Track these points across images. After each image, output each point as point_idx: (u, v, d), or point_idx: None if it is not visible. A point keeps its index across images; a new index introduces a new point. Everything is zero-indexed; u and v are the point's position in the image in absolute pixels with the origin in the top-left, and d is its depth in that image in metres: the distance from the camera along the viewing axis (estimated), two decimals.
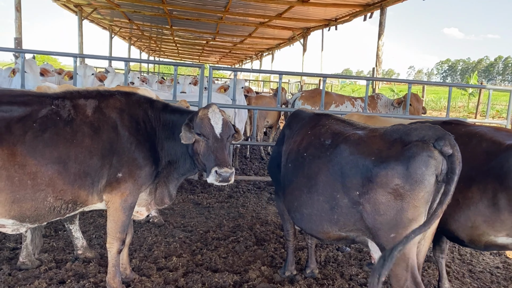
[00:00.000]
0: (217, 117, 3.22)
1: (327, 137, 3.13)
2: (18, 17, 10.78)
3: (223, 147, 3.18)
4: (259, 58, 31.09)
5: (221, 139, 3.18)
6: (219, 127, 3.20)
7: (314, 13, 14.70)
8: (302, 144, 3.29)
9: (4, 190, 2.84)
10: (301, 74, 13.29)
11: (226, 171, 3.01)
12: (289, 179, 3.32)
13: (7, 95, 3.13)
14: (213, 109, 3.27)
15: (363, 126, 3.14)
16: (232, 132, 3.31)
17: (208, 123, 3.18)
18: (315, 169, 3.05)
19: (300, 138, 3.37)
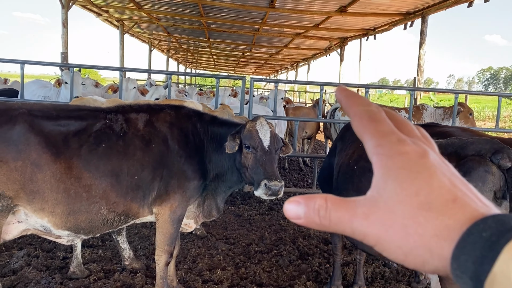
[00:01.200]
0: (265, 130, 3.20)
1: None
2: (65, 33, 11.25)
3: (272, 160, 3.14)
4: (295, 69, 31.09)
5: (269, 151, 3.15)
6: (267, 140, 3.17)
7: (352, 23, 14.61)
8: (353, 157, 3.24)
9: (61, 202, 2.93)
10: (345, 84, 13.15)
11: (276, 184, 2.96)
12: (340, 192, 3.27)
13: (64, 109, 3.25)
14: (260, 121, 3.25)
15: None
16: (281, 145, 3.27)
17: (256, 135, 3.16)
18: (365, 183, 3.00)
19: (352, 151, 3.32)
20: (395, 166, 0.46)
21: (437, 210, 0.43)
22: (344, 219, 0.47)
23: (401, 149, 0.47)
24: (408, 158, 0.46)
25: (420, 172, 0.45)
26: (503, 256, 0.38)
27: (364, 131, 0.50)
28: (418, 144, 0.48)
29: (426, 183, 0.44)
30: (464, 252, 0.40)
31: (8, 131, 2.81)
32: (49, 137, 2.94)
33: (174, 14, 15.94)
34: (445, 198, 0.44)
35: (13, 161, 2.80)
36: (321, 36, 17.63)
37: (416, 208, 0.44)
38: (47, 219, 2.95)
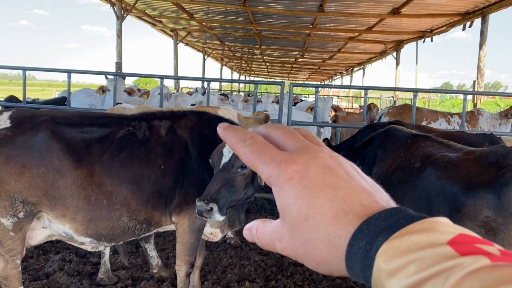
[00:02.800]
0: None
1: (417, 159, 2.79)
2: (119, 43, 11.71)
3: (220, 178, 2.71)
4: (350, 73, 30.41)
5: (223, 169, 2.74)
6: (227, 156, 2.76)
7: (407, 25, 13.99)
8: (392, 166, 2.98)
9: (82, 209, 2.94)
10: (388, 89, 12.50)
11: (200, 204, 2.56)
12: None
13: (89, 116, 3.28)
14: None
15: (461, 147, 2.76)
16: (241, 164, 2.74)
17: (218, 149, 2.82)
18: (400, 194, 2.74)
19: (392, 160, 3.06)
20: (285, 196, 0.49)
21: (324, 231, 0.47)
22: (269, 244, 0.53)
23: (285, 176, 0.49)
24: (292, 185, 0.49)
25: (303, 198, 0.48)
26: (376, 263, 0.42)
27: (254, 166, 0.53)
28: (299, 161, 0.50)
29: (310, 207, 0.48)
30: (353, 262, 0.45)
31: (31, 138, 2.86)
32: (71, 143, 2.96)
33: (226, 22, 16.13)
34: (328, 217, 0.47)
35: (36, 168, 2.84)
36: (375, 39, 17.07)
37: (309, 233, 0.48)
38: (69, 225, 2.96)
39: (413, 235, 0.42)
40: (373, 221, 0.45)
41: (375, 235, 0.44)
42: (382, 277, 0.41)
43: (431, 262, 0.39)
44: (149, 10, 14.97)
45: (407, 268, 0.40)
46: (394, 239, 0.42)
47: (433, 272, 0.38)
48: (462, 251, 0.39)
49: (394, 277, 0.40)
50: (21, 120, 2.94)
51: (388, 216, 0.45)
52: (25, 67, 6.24)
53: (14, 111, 2.99)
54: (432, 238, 0.41)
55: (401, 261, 0.40)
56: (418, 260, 0.40)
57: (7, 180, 2.79)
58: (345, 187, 0.48)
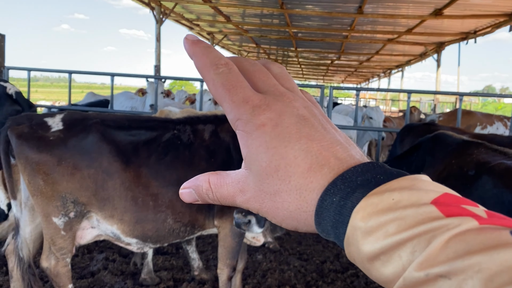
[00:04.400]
0: None
1: (471, 167, 2.68)
2: (158, 47, 11.94)
3: None
4: (387, 76, 29.81)
5: None
6: None
7: (449, 26, 13.56)
8: (443, 174, 2.88)
9: (129, 210, 3.00)
10: (432, 92, 12.21)
11: (239, 217, 2.57)
12: None
13: (136, 120, 3.36)
14: None
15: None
16: None
17: None
18: None
19: (443, 167, 2.96)
20: (255, 144, 0.46)
21: (295, 184, 0.44)
22: (228, 197, 0.49)
23: (257, 121, 0.45)
24: (264, 132, 0.45)
25: (276, 147, 0.45)
26: (351, 221, 0.39)
27: (221, 102, 0.47)
28: (273, 108, 0.46)
29: (282, 157, 0.44)
30: (323, 219, 0.42)
31: (82, 140, 2.94)
32: (120, 146, 3.03)
33: (262, 25, 16.16)
34: (301, 169, 0.44)
35: (86, 169, 2.92)
36: (415, 41, 16.64)
37: (279, 185, 0.45)
38: (116, 226, 3.03)
39: (394, 192, 0.39)
40: (348, 176, 0.42)
41: (351, 190, 0.41)
42: (357, 236, 0.39)
43: (414, 222, 0.36)
44: (187, 13, 15.20)
45: (386, 227, 0.37)
46: (373, 195, 0.39)
47: (415, 233, 0.36)
48: (448, 212, 0.36)
49: (371, 236, 0.38)
50: (73, 122, 3.03)
51: (365, 171, 0.42)
52: (70, 70, 6.45)
53: (66, 114, 3.09)
54: (415, 196, 0.38)
55: (380, 220, 0.38)
56: (399, 219, 0.37)
57: (60, 181, 2.88)
58: (320, 139, 0.45)
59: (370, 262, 0.38)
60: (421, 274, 0.34)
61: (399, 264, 0.36)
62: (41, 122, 2.98)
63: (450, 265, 0.33)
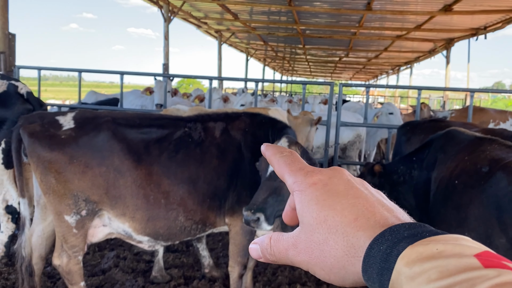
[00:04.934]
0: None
1: (485, 163, 2.65)
2: (166, 45, 11.95)
3: (268, 187, 2.69)
4: (396, 73, 29.61)
5: (270, 178, 2.72)
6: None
7: (458, 22, 13.43)
8: (456, 171, 2.85)
9: (141, 208, 3.00)
10: (443, 89, 12.08)
11: (247, 214, 2.56)
12: (438, 209, 2.90)
13: (147, 118, 3.36)
14: (280, 142, 2.84)
15: None
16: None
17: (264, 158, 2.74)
18: (466, 200, 2.61)
19: (455, 164, 2.92)
20: (307, 198, 0.52)
21: (342, 231, 0.48)
22: (282, 252, 0.53)
23: (309, 181, 0.52)
24: (315, 189, 0.51)
25: (325, 200, 0.50)
26: (396, 266, 0.42)
27: (283, 173, 0.57)
28: (324, 173, 0.53)
29: (330, 209, 0.49)
30: (370, 266, 0.45)
31: (93, 138, 2.95)
32: (131, 144, 3.03)
33: (270, 23, 16.11)
34: (348, 219, 0.48)
35: (98, 167, 2.92)
36: (424, 37, 16.50)
37: (327, 233, 0.49)
38: (128, 224, 3.03)
39: (438, 243, 0.42)
40: (396, 229, 0.45)
41: (398, 240, 0.44)
42: (401, 281, 0.41)
43: (455, 270, 0.38)
44: (194, 11, 15.20)
45: (428, 273, 0.39)
46: (418, 245, 0.42)
47: (456, 280, 0.38)
48: (488, 264, 0.38)
49: (414, 281, 0.40)
50: (84, 120, 3.03)
51: (411, 227, 0.45)
52: (80, 69, 6.48)
53: (77, 112, 3.10)
54: (458, 249, 0.41)
55: (424, 266, 0.40)
56: (441, 267, 0.39)
57: (71, 179, 2.89)
58: (366, 198, 0.50)
59: None
60: None
61: None
62: (52, 120, 2.99)
63: None
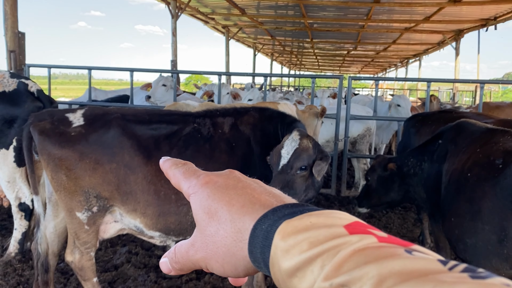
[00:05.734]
0: (290, 146, 2.76)
1: (498, 155, 2.61)
2: (174, 41, 11.96)
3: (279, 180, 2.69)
4: (405, 65, 29.37)
5: (282, 171, 2.71)
6: (285, 158, 2.73)
7: (468, 13, 13.25)
8: (468, 163, 2.81)
9: (152, 204, 3.01)
10: (452, 81, 11.97)
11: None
12: (449, 202, 2.87)
13: (156, 114, 3.36)
14: (292, 136, 2.81)
15: None
16: (301, 165, 2.75)
17: (276, 151, 2.78)
18: (480, 193, 2.58)
19: (467, 157, 2.88)
20: (199, 197, 0.54)
21: (230, 219, 0.50)
22: (184, 255, 0.55)
23: (202, 182, 0.55)
24: (207, 187, 0.54)
25: (215, 194, 0.53)
26: (274, 241, 0.44)
27: (179, 182, 0.59)
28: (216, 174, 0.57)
29: (220, 200, 0.52)
30: (254, 246, 0.46)
31: (103, 134, 2.95)
32: (141, 140, 3.04)
33: (277, 17, 16.05)
34: (235, 207, 0.50)
35: (108, 164, 2.93)
36: (433, 29, 16.33)
37: (218, 224, 0.51)
38: (139, 219, 3.04)
39: (312, 216, 0.44)
40: (278, 209, 0.47)
41: (278, 218, 0.45)
42: (278, 255, 0.43)
43: (324, 239, 0.41)
44: (202, 7, 15.19)
45: (301, 245, 0.41)
46: (294, 220, 0.44)
47: (324, 248, 0.40)
48: (352, 231, 0.41)
49: (288, 254, 0.42)
50: (94, 117, 3.04)
51: (294, 207, 0.47)
52: (90, 66, 6.52)
53: (87, 109, 3.11)
54: (329, 220, 0.43)
55: (297, 238, 0.42)
56: (312, 237, 0.41)
57: (82, 176, 2.90)
58: (252, 188, 0.53)
59: (289, 280, 0.41)
60: (326, 285, 0.37)
61: (312, 278, 0.39)
62: (62, 118, 3.00)
63: (349, 274, 0.36)
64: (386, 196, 3.88)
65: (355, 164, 7.20)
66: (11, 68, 6.30)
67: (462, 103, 19.94)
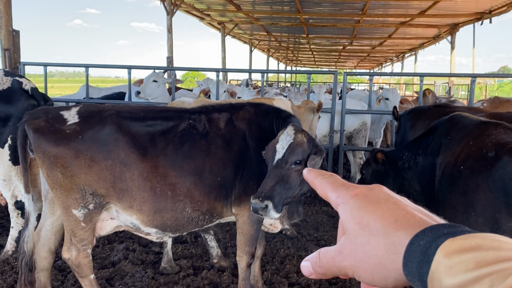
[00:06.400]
0: (285, 141, 2.77)
1: (490, 148, 2.63)
2: (170, 38, 11.94)
3: (275, 175, 2.70)
4: (401, 60, 29.39)
5: (277, 165, 2.72)
6: (280, 152, 2.74)
7: (463, 7, 13.28)
8: (461, 156, 2.83)
9: (148, 200, 3.01)
10: (445, 75, 11.97)
11: (255, 202, 2.57)
12: (443, 195, 2.89)
13: (152, 110, 3.36)
14: (287, 130, 2.82)
15: None
16: (296, 159, 2.74)
17: (271, 146, 2.79)
18: (473, 185, 2.60)
19: (460, 149, 2.91)
20: (350, 208, 0.57)
21: (383, 232, 0.52)
22: (330, 260, 0.58)
23: (351, 193, 0.58)
24: (357, 199, 0.57)
25: (367, 206, 0.55)
26: (436, 258, 0.45)
27: (326, 191, 0.63)
28: (364, 187, 0.59)
29: (372, 213, 0.54)
30: (410, 260, 0.48)
31: (98, 132, 2.95)
32: (136, 137, 3.03)
33: (273, 13, 16.04)
34: (388, 221, 0.52)
35: (104, 161, 2.93)
36: (428, 23, 16.36)
37: (369, 235, 0.53)
38: (136, 216, 3.05)
39: (477, 238, 0.44)
40: (436, 227, 0.48)
41: (437, 236, 0.46)
42: (440, 271, 0.44)
43: (492, 261, 0.41)
44: (197, 3, 15.15)
45: (466, 263, 0.42)
46: (458, 239, 0.45)
47: (493, 270, 0.40)
48: None
49: (452, 271, 0.42)
50: (89, 115, 3.03)
51: (451, 227, 0.48)
52: (87, 64, 6.50)
53: (81, 106, 3.10)
54: (496, 243, 0.43)
55: (462, 257, 0.42)
56: (479, 257, 0.41)
57: (78, 173, 2.91)
58: (405, 205, 0.55)
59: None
60: None
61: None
62: (57, 115, 2.99)
63: None
64: None
65: (351, 158, 7.22)
66: (5, 66, 6.28)
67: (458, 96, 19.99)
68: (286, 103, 4.75)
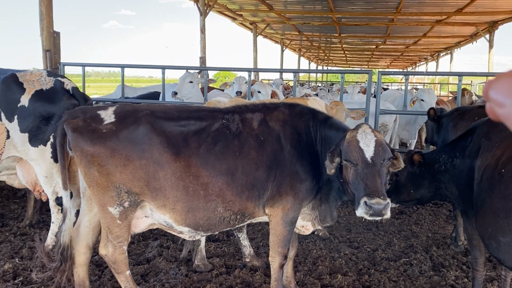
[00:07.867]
0: (368, 139, 2.72)
1: None
2: (203, 38, 12.07)
3: (376, 173, 2.64)
4: (435, 59, 28.61)
5: (373, 164, 2.66)
6: (370, 150, 2.68)
7: (503, 4, 12.79)
8: (502, 158, 2.73)
9: (180, 200, 3.05)
10: (484, 74, 11.54)
11: (378, 202, 2.47)
12: (483, 199, 2.80)
13: (185, 110, 3.40)
14: (363, 129, 2.78)
15: None
16: (389, 156, 2.74)
17: (356, 146, 2.71)
18: None
19: (501, 152, 2.80)
20: None
21: None
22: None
23: None
24: None
25: None
26: None
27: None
28: None
29: None
30: None
31: (133, 131, 3.00)
32: (170, 136, 3.07)
33: (305, 12, 15.95)
34: None
35: (138, 160, 2.98)
36: (465, 21, 15.84)
37: None
38: (169, 215, 3.09)
39: None
40: None
41: None
42: None
43: None
44: (230, 4, 15.25)
45: None
46: None
47: None
48: None
49: None
50: (124, 114, 3.09)
51: None
52: (123, 64, 6.66)
53: (118, 106, 3.17)
54: None
55: None
56: None
57: (113, 172, 2.97)
58: None
59: None
60: None
61: None
62: (94, 115, 3.07)
63: None
64: (415, 192, 3.81)
65: None
66: (47, 67, 6.51)
67: None
68: (320, 103, 4.71)
